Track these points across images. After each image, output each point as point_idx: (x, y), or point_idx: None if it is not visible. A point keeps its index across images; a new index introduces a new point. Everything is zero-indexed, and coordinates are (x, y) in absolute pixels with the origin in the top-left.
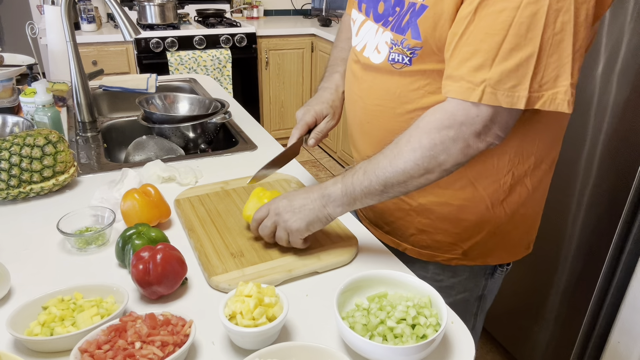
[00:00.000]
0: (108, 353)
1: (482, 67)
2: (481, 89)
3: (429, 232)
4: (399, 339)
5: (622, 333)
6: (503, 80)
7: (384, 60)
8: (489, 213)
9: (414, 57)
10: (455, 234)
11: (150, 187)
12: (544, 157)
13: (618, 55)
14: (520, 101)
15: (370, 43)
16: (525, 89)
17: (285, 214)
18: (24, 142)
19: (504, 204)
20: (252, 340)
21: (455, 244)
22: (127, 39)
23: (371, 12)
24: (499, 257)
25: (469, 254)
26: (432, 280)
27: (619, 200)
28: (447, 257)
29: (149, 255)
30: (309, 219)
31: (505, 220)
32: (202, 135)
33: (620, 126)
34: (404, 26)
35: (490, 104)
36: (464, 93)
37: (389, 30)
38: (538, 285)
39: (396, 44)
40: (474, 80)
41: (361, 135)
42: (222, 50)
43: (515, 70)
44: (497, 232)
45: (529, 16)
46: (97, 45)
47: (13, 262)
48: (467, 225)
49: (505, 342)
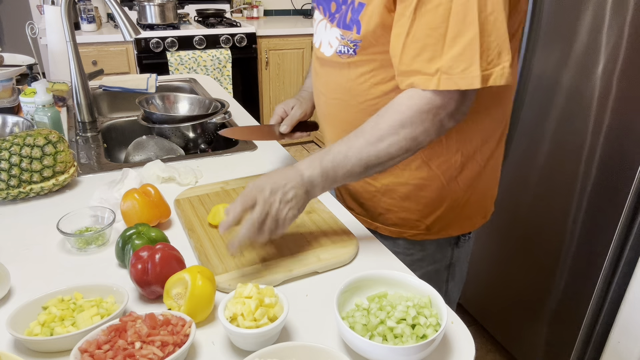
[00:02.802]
0: (108, 353)
1: (434, 59)
2: (437, 77)
3: (394, 211)
4: (399, 339)
5: (622, 333)
6: (454, 65)
7: (333, 52)
8: (445, 189)
9: (357, 48)
10: (418, 211)
11: (150, 187)
12: (491, 135)
13: (618, 55)
14: (476, 81)
15: (324, 39)
16: (476, 69)
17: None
18: (24, 142)
19: (458, 179)
20: (253, 342)
21: (418, 220)
22: (127, 39)
23: (327, 12)
24: (460, 228)
25: (432, 229)
26: (404, 255)
27: (619, 200)
28: (412, 232)
29: (147, 255)
30: (300, 207)
31: (461, 194)
32: (202, 135)
33: (621, 126)
34: (349, 23)
35: (448, 89)
36: (422, 84)
37: (335, 26)
38: (538, 285)
39: (344, 38)
40: (429, 71)
41: (327, 126)
42: (222, 50)
43: (463, 54)
44: (455, 206)
45: (462, 4)
46: (97, 45)
47: (13, 262)
48: (427, 202)
49: (505, 342)
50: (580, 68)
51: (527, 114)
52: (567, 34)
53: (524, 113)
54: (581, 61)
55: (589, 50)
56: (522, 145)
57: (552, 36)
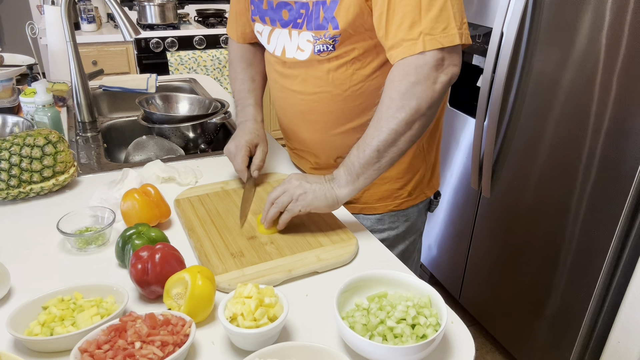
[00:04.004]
0: (108, 353)
1: (414, 24)
2: (421, 39)
3: (377, 184)
4: (399, 339)
5: (622, 333)
6: (435, 26)
7: (310, 54)
8: (422, 152)
9: (336, 43)
10: (399, 179)
11: (150, 187)
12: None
13: (618, 55)
14: (455, 38)
15: (288, 45)
16: (454, 27)
17: (300, 188)
18: (24, 142)
19: (430, 140)
20: (254, 341)
21: (401, 188)
22: (127, 39)
23: (277, 21)
24: (432, 187)
25: (413, 193)
26: (390, 230)
27: (619, 200)
28: (397, 202)
29: (147, 255)
30: (317, 194)
31: (433, 154)
32: (202, 135)
33: (620, 126)
34: (322, 22)
35: (434, 48)
36: (409, 50)
37: (305, 30)
38: (538, 285)
39: (319, 38)
40: (412, 36)
41: (304, 124)
42: (222, 50)
43: (440, 15)
44: (428, 166)
45: None
46: (97, 45)
47: (13, 262)
48: (407, 167)
49: (505, 342)
50: (580, 68)
51: (527, 113)
52: (567, 34)
53: (524, 113)
54: (581, 61)
55: (589, 50)
56: (522, 145)
57: (552, 36)
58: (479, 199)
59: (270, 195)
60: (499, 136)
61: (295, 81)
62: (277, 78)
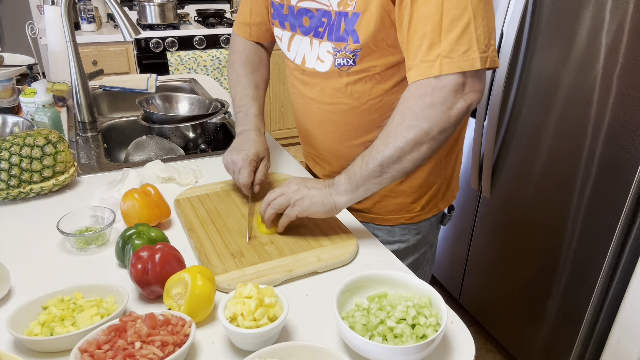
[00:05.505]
0: (108, 353)
1: (433, 45)
2: (438, 62)
3: (390, 197)
4: (399, 339)
5: (622, 333)
6: (454, 49)
7: (330, 67)
8: (437, 166)
9: (357, 58)
10: (413, 193)
11: (150, 187)
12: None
13: (618, 55)
14: (477, 62)
15: (309, 54)
16: (475, 51)
17: (298, 193)
18: (24, 142)
19: (447, 155)
20: (254, 342)
21: (414, 202)
22: (127, 39)
23: (297, 27)
24: (446, 202)
25: (426, 207)
26: (400, 243)
27: (619, 199)
28: (409, 216)
29: (147, 255)
30: (314, 201)
31: (450, 168)
32: (202, 135)
33: (620, 126)
34: (342, 35)
35: (451, 72)
36: (425, 72)
37: (326, 41)
38: (538, 285)
39: (340, 50)
40: (430, 58)
41: (321, 132)
42: (222, 50)
43: (461, 37)
44: (444, 181)
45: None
46: (97, 45)
47: (13, 262)
48: (421, 182)
49: (505, 342)
50: (580, 68)
51: (527, 113)
52: (567, 34)
53: (524, 113)
54: (581, 61)
55: (589, 50)
56: (522, 145)
57: (552, 36)
58: (479, 199)
59: (268, 196)
60: (499, 136)
61: (313, 90)
62: (295, 84)
